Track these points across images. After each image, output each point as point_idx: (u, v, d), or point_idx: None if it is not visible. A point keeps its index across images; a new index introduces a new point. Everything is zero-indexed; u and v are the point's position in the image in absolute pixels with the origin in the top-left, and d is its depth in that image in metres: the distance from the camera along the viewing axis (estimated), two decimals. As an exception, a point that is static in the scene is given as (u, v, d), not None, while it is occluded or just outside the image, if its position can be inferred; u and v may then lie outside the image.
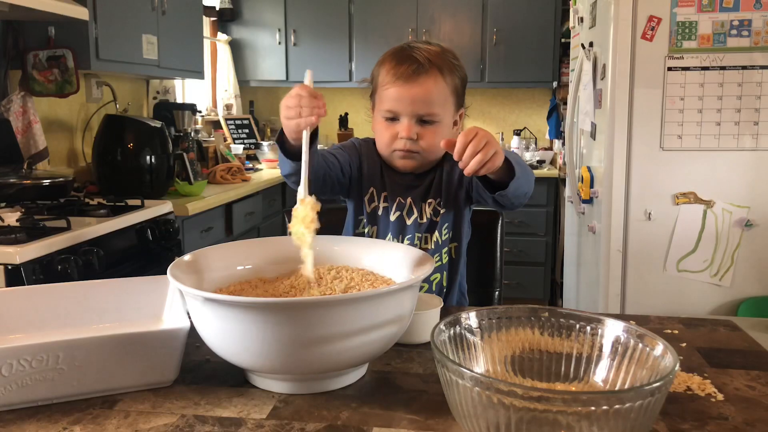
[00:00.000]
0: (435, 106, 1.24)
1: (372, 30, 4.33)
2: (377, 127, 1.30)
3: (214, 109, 4.55)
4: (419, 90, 1.22)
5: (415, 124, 1.24)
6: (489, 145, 0.98)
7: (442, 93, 1.24)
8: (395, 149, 1.27)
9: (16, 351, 0.79)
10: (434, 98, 1.23)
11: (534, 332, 0.85)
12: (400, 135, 1.25)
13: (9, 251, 1.69)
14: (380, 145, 1.31)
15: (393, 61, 1.25)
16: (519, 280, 4.07)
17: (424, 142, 1.25)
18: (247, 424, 0.78)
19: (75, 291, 1.04)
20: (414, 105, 1.22)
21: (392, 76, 1.23)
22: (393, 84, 1.23)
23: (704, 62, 2.25)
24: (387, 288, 0.86)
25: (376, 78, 1.29)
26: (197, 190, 2.86)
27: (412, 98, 1.22)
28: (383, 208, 1.33)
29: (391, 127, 1.26)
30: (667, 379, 0.66)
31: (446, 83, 1.25)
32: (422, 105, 1.22)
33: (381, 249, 1.07)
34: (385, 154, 1.31)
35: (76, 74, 2.53)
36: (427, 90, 1.22)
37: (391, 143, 1.27)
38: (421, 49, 1.25)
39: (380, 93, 1.26)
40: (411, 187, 1.33)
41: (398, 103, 1.23)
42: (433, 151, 1.28)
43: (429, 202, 1.32)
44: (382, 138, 1.29)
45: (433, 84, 1.23)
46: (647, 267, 2.39)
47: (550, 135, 4.32)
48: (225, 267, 1.03)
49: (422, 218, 1.32)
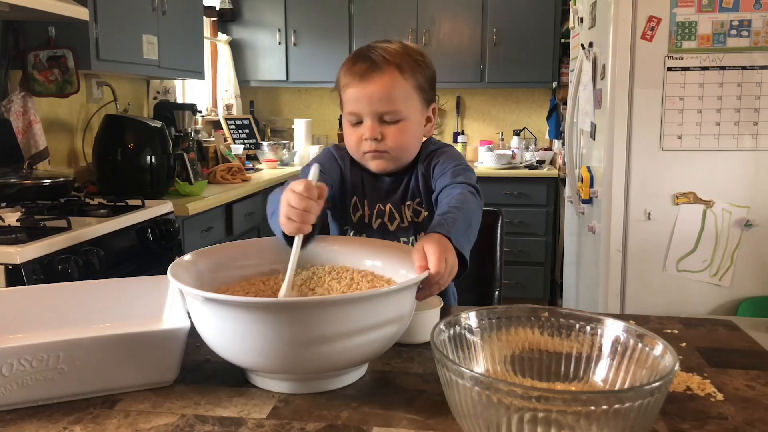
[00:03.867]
0: (396, 104, 1.21)
1: (372, 30, 4.33)
2: (345, 132, 1.29)
3: (214, 109, 4.55)
4: (375, 87, 1.20)
5: (378, 123, 1.22)
6: (451, 274, 0.93)
7: (401, 90, 1.22)
8: (364, 151, 1.25)
9: (16, 351, 0.79)
10: (393, 95, 1.21)
11: (534, 332, 0.85)
12: (364, 136, 1.23)
13: (9, 251, 1.69)
14: (350, 150, 1.29)
15: (349, 62, 1.24)
16: (519, 280, 4.07)
17: (389, 141, 1.23)
18: (247, 424, 0.78)
19: (75, 291, 1.04)
20: (372, 104, 1.21)
21: (349, 76, 1.22)
22: (350, 84, 1.22)
23: (704, 62, 2.25)
24: (387, 288, 0.86)
25: (338, 81, 1.27)
26: (197, 190, 2.86)
27: (369, 96, 1.20)
28: (368, 215, 1.32)
29: (357, 129, 1.25)
30: (667, 379, 0.66)
31: (405, 79, 1.22)
32: (380, 103, 1.20)
33: (381, 249, 1.07)
34: (356, 158, 1.30)
35: (77, 74, 2.53)
36: (384, 87, 1.20)
37: (358, 146, 1.25)
38: (378, 48, 1.23)
39: (343, 96, 1.26)
40: (389, 192, 1.31)
41: (357, 104, 1.22)
42: (402, 149, 1.26)
43: (408, 204, 1.30)
44: (349, 142, 1.27)
45: (389, 81, 1.20)
46: (647, 267, 2.39)
47: (550, 135, 4.33)
48: (225, 267, 1.03)
49: (404, 222, 1.31)
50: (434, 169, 1.28)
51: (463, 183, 1.18)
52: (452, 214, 1.05)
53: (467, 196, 1.13)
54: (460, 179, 1.20)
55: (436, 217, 1.06)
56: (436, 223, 1.02)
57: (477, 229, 1.10)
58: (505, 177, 4.07)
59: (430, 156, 1.30)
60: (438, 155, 1.30)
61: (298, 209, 0.91)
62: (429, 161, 1.29)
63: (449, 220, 1.02)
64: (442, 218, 1.03)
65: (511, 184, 4.06)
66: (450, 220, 1.02)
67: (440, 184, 1.23)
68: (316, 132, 4.77)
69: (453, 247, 0.95)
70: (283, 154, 4.08)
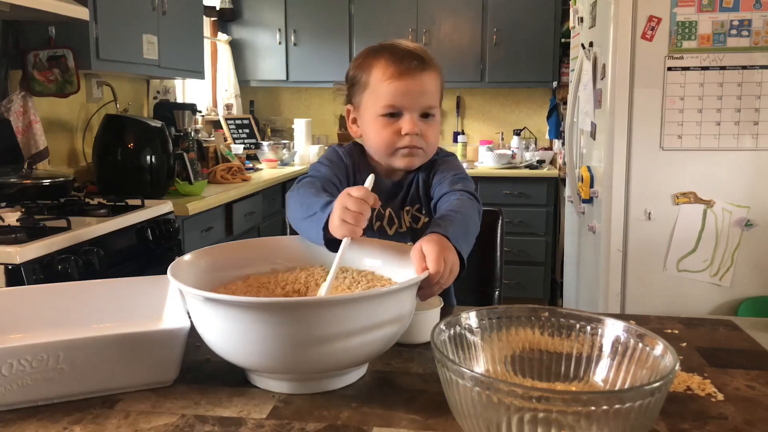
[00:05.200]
0: (435, 100, 1.24)
1: (372, 30, 4.33)
2: (373, 128, 1.24)
3: (214, 109, 4.55)
4: (423, 84, 1.21)
5: (419, 119, 1.22)
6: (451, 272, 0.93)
7: (438, 89, 1.26)
8: (398, 147, 1.23)
9: (16, 351, 0.79)
10: (434, 92, 1.24)
11: (534, 332, 0.85)
12: (405, 131, 1.21)
13: (9, 251, 1.69)
14: (379, 146, 1.25)
15: (390, 57, 1.22)
16: (519, 280, 4.07)
17: (427, 137, 1.23)
18: (247, 424, 0.78)
19: (75, 291, 1.04)
20: (419, 99, 1.21)
21: (394, 70, 1.20)
22: (398, 78, 1.20)
23: (704, 62, 2.25)
24: (387, 288, 0.86)
25: (365, 76, 1.24)
26: (197, 190, 2.86)
27: (419, 92, 1.21)
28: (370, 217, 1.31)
29: (392, 124, 1.22)
30: (667, 379, 0.66)
31: (439, 79, 1.26)
32: (425, 98, 1.22)
33: (381, 249, 1.07)
34: (385, 154, 1.26)
35: (77, 74, 2.53)
36: (429, 84, 1.22)
37: (394, 141, 1.22)
38: (410, 45, 1.25)
39: (376, 90, 1.22)
40: (389, 196, 1.30)
41: (403, 98, 1.20)
42: (433, 147, 1.28)
43: (407, 209, 1.30)
44: (380, 137, 1.23)
45: (432, 79, 1.23)
46: (647, 267, 2.39)
47: (550, 135, 4.33)
48: (225, 267, 1.03)
49: (402, 227, 1.30)
50: (434, 178, 1.28)
51: (461, 190, 1.18)
52: (450, 216, 1.05)
53: (465, 202, 1.13)
54: (459, 187, 1.20)
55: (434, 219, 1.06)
56: (433, 224, 1.02)
57: (475, 233, 1.10)
58: (505, 177, 4.07)
59: (432, 163, 1.30)
60: (439, 163, 1.30)
61: (355, 212, 0.93)
62: (431, 169, 1.30)
63: (446, 221, 1.02)
64: (439, 220, 1.03)
65: (511, 184, 4.06)
66: (447, 221, 1.02)
67: (439, 192, 1.23)
68: (316, 132, 4.77)
69: (452, 246, 0.95)
70: (283, 153, 4.08)
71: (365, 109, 1.25)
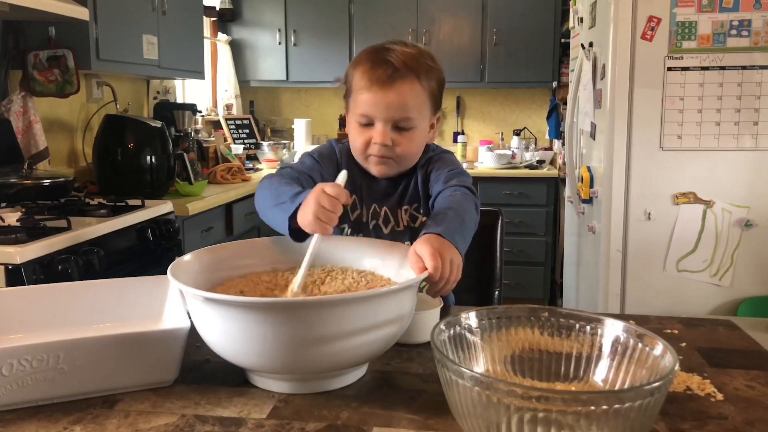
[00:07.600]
0: (411, 112, 1.19)
1: (372, 30, 4.33)
2: (351, 131, 1.25)
3: (214, 109, 4.55)
4: (395, 96, 1.17)
5: (391, 130, 1.20)
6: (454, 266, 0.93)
7: (418, 98, 1.20)
8: (369, 154, 1.23)
9: (16, 351, 0.79)
10: (410, 104, 1.19)
11: (534, 332, 0.85)
12: (374, 141, 1.20)
13: (9, 251, 1.69)
14: (354, 150, 1.27)
15: (368, 64, 1.20)
16: (519, 280, 4.07)
17: (399, 148, 1.21)
18: (247, 424, 0.78)
19: (75, 291, 1.04)
20: (389, 111, 1.18)
21: (367, 80, 1.18)
22: (368, 89, 1.18)
23: (704, 62, 2.25)
24: (387, 288, 0.86)
25: (350, 80, 1.24)
26: (197, 190, 2.86)
27: (388, 104, 1.17)
28: (365, 215, 1.31)
29: (366, 131, 1.22)
30: (667, 379, 0.66)
31: (423, 88, 1.20)
32: (398, 111, 1.18)
33: (381, 249, 1.07)
34: (360, 159, 1.27)
35: (77, 74, 2.53)
36: (403, 96, 1.18)
37: (365, 148, 1.23)
38: (397, 51, 1.19)
39: (354, 97, 1.22)
40: (384, 195, 1.30)
41: (373, 108, 1.19)
42: (408, 158, 1.25)
43: (405, 208, 1.30)
44: (355, 142, 1.25)
45: (409, 89, 1.18)
46: (647, 267, 2.39)
47: (550, 135, 4.33)
48: (225, 267, 1.04)
49: (399, 226, 1.30)
50: (431, 175, 1.28)
51: (456, 185, 1.18)
52: (443, 213, 1.06)
53: (459, 196, 1.13)
54: (454, 182, 1.19)
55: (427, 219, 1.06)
56: (426, 224, 1.02)
57: (472, 226, 1.09)
58: (505, 177, 4.07)
59: (428, 161, 1.30)
60: (435, 161, 1.29)
61: (329, 210, 0.93)
62: (427, 167, 1.29)
63: (439, 219, 1.02)
64: (432, 218, 1.04)
65: (511, 184, 4.06)
66: (440, 219, 1.02)
67: (435, 189, 1.23)
68: (316, 132, 4.77)
69: (448, 242, 0.95)
70: (283, 154, 4.08)
71: (349, 111, 1.27)
